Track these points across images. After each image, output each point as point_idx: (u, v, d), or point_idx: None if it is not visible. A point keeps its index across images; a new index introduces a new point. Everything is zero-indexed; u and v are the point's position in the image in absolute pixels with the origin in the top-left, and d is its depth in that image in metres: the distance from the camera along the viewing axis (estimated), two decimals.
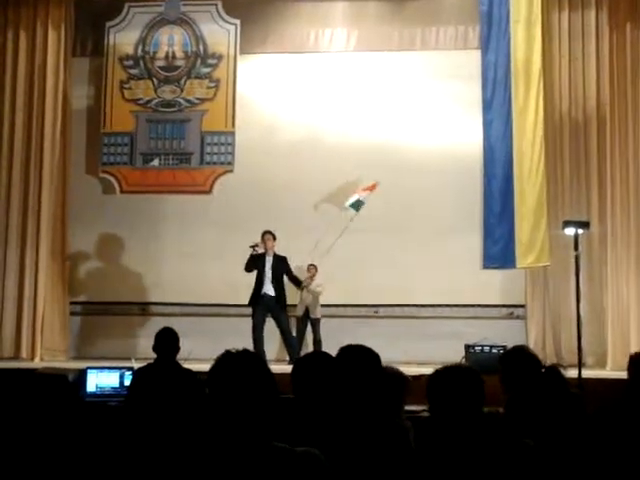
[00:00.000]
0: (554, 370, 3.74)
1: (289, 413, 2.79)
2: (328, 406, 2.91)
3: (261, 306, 9.53)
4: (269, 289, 9.60)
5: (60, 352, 10.56)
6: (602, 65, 10.06)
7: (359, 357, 3.18)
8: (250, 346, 8.87)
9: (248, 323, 9.53)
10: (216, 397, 2.04)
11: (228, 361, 2.07)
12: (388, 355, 3.89)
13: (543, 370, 3.76)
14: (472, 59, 10.17)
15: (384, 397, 3.19)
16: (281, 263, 9.69)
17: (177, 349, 5.48)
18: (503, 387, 2.99)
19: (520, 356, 3.91)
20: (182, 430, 2.68)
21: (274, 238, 9.71)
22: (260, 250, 9.60)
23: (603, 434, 3.05)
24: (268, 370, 2.09)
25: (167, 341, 5.47)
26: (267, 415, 2.04)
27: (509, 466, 2.60)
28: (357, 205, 10.22)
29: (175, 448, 2.08)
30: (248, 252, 9.64)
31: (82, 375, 6.79)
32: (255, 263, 9.59)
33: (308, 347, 9.97)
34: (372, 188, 10.25)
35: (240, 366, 2.05)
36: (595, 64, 10.10)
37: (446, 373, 2.84)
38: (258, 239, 9.68)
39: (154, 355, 5.44)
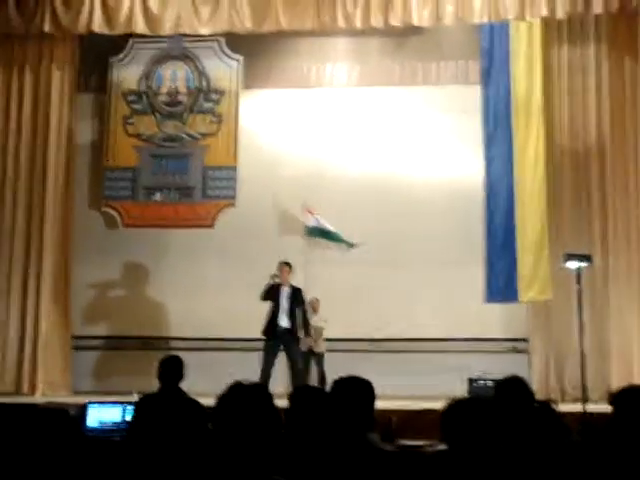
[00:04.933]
0: (547, 405, 3.71)
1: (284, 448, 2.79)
2: (320, 438, 2.91)
3: (275, 339, 9.45)
4: (283, 320, 9.52)
5: (62, 387, 10.50)
6: (602, 98, 10.10)
7: (353, 388, 3.18)
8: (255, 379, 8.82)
9: (251, 356, 9.48)
10: (221, 427, 2.03)
11: (237, 392, 2.07)
12: (390, 390, 3.89)
13: (536, 404, 3.72)
14: (473, 94, 10.24)
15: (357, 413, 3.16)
16: (297, 295, 9.64)
17: (181, 377, 5.49)
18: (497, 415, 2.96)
19: (516, 385, 3.88)
20: (185, 462, 2.66)
21: (290, 269, 9.68)
22: (277, 280, 9.56)
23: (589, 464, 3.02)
24: (273, 405, 2.09)
25: (172, 369, 5.48)
26: (270, 449, 2.03)
27: None
28: (319, 232, 10.43)
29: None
30: (251, 285, 9.61)
31: (83, 410, 6.74)
32: (271, 294, 9.54)
33: (313, 382, 9.91)
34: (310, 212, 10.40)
35: (248, 399, 2.05)
36: (595, 98, 10.14)
37: (463, 405, 2.81)
38: (260, 273, 9.63)
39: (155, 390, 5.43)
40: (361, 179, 10.88)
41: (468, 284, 10.14)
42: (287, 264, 9.66)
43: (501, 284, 9.72)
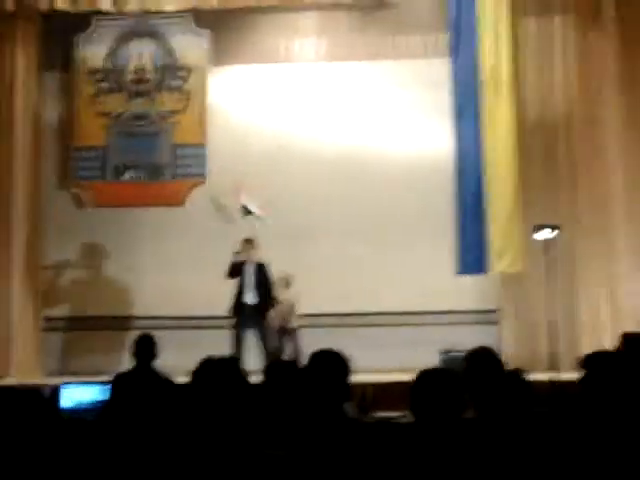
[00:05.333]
0: (517, 374, 3.76)
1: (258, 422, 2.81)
2: (294, 411, 2.94)
3: (243, 316, 9.46)
4: (250, 298, 9.52)
5: (34, 369, 10.46)
6: (569, 69, 10.16)
7: (329, 361, 3.21)
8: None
9: (224, 334, 9.50)
10: (195, 402, 2.05)
11: (209, 366, 2.09)
12: (362, 363, 3.91)
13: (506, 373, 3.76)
14: (442, 67, 10.24)
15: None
16: (262, 270, 9.61)
17: (154, 355, 5.50)
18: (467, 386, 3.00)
19: (485, 356, 3.91)
20: (162, 438, 2.68)
21: (254, 245, 9.65)
22: (242, 257, 9.52)
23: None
24: (245, 377, 2.11)
25: (146, 347, 5.50)
26: (243, 421, 2.05)
27: (492, 470, 2.62)
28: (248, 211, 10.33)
29: (156, 457, 2.09)
30: (224, 263, 9.61)
31: (56, 390, 6.73)
32: (236, 271, 9.51)
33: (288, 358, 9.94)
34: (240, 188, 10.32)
35: (219, 372, 2.07)
36: (562, 70, 10.20)
37: (431, 376, 2.85)
38: (230, 250, 9.62)
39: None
40: (331, 154, 10.87)
41: (439, 257, 10.18)
42: (250, 240, 9.63)
43: (472, 256, 9.77)
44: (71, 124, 11.29)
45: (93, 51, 11.32)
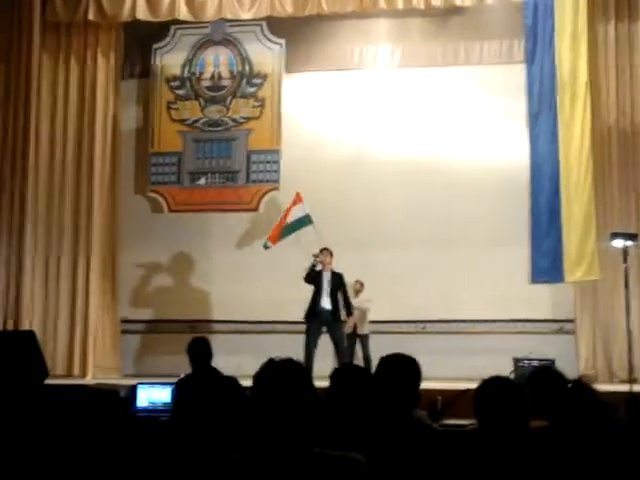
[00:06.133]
0: (580, 383, 3.70)
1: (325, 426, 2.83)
2: (363, 417, 2.94)
3: (317, 321, 9.52)
4: (326, 303, 9.57)
5: (112, 370, 10.71)
6: None
7: (399, 365, 3.21)
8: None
9: (295, 339, 9.52)
10: (259, 404, 2.08)
11: (271, 369, 2.11)
12: (436, 371, 3.92)
13: (569, 385, 3.72)
14: (517, 73, 10.13)
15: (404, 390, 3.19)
16: (338, 279, 9.69)
17: (211, 356, 5.61)
18: (531, 407, 2.97)
19: (545, 374, 3.87)
20: (226, 438, 2.72)
21: (331, 255, 9.71)
22: (319, 266, 9.62)
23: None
24: (309, 379, 2.12)
25: (201, 350, 5.59)
26: (307, 422, 2.07)
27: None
28: (303, 223, 10.23)
29: (219, 456, 2.12)
30: (294, 269, 9.65)
31: (133, 390, 6.88)
32: (313, 278, 9.60)
33: (358, 364, 9.94)
34: (298, 200, 10.27)
35: (283, 374, 2.09)
36: None
37: (493, 384, 2.84)
38: (303, 256, 9.65)
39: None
40: (404, 161, 10.84)
41: (514, 265, 10.07)
42: (328, 250, 9.68)
43: (547, 264, 9.63)
44: (148, 130, 11.54)
45: (171, 59, 11.56)
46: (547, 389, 3.63)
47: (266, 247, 10.34)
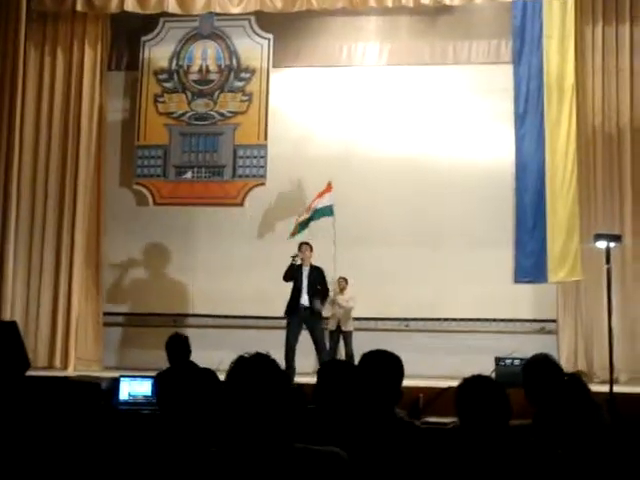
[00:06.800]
0: (576, 378, 3.73)
1: (311, 422, 2.83)
2: (348, 412, 2.95)
3: (297, 317, 9.49)
4: (305, 300, 9.53)
5: (94, 362, 10.69)
6: (636, 78, 9.99)
7: (381, 362, 3.22)
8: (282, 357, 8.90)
9: (279, 335, 9.54)
10: (232, 400, 2.09)
11: (242, 365, 2.12)
12: (419, 368, 3.94)
13: (566, 378, 3.74)
14: (504, 73, 10.17)
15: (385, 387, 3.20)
16: (317, 274, 9.65)
17: (189, 352, 5.63)
18: (526, 395, 2.99)
19: (543, 363, 3.88)
20: (204, 430, 2.73)
21: (311, 249, 9.67)
22: (298, 261, 9.58)
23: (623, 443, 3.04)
24: (281, 372, 2.13)
25: (177, 347, 5.61)
26: (284, 416, 2.08)
27: (538, 476, 2.61)
28: (324, 213, 10.23)
29: (198, 450, 2.13)
30: (279, 264, 9.65)
31: (115, 383, 6.87)
32: (293, 274, 9.57)
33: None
34: (329, 189, 10.27)
35: (253, 369, 2.10)
36: (629, 77, 10.03)
37: (474, 383, 2.86)
38: (290, 251, 9.67)
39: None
40: (390, 159, 10.85)
41: (498, 264, 10.12)
42: (308, 244, 9.65)
43: (531, 264, 9.68)
44: (134, 123, 11.49)
45: (159, 52, 11.52)
46: (543, 378, 3.64)
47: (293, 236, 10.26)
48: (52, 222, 10.82)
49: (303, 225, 10.26)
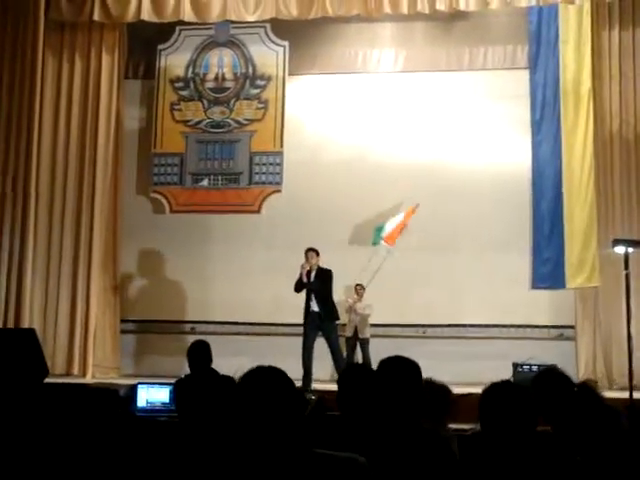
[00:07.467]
0: (586, 387, 3.69)
1: (336, 430, 2.82)
2: (371, 419, 2.93)
3: (310, 324, 9.46)
4: (314, 306, 9.49)
5: (111, 369, 10.72)
6: None
7: (399, 368, 3.20)
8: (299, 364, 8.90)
9: (297, 342, 9.51)
10: (244, 411, 2.11)
11: (250, 378, 2.14)
12: (436, 375, 3.91)
13: (576, 389, 3.71)
14: (520, 79, 10.15)
15: (427, 408, 3.19)
16: (324, 276, 9.49)
17: (210, 359, 5.62)
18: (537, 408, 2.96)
19: (551, 376, 3.85)
20: (224, 437, 2.73)
21: (317, 254, 9.60)
22: (306, 268, 9.52)
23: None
24: (289, 382, 2.15)
25: (199, 353, 5.60)
26: (292, 422, 2.09)
27: None
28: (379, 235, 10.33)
29: (217, 456, 2.14)
30: (296, 271, 9.60)
31: (133, 390, 6.89)
32: (303, 284, 9.49)
33: None
34: (413, 211, 10.27)
35: (261, 380, 2.12)
36: None
37: (500, 389, 2.83)
38: (304, 258, 9.61)
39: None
40: (406, 165, 10.84)
41: (515, 270, 10.09)
42: (313, 250, 9.54)
43: (548, 270, 9.65)
44: (151, 131, 11.54)
45: (175, 60, 11.57)
46: (553, 391, 3.60)
47: (375, 244, 10.34)
48: (70, 230, 10.87)
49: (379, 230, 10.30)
